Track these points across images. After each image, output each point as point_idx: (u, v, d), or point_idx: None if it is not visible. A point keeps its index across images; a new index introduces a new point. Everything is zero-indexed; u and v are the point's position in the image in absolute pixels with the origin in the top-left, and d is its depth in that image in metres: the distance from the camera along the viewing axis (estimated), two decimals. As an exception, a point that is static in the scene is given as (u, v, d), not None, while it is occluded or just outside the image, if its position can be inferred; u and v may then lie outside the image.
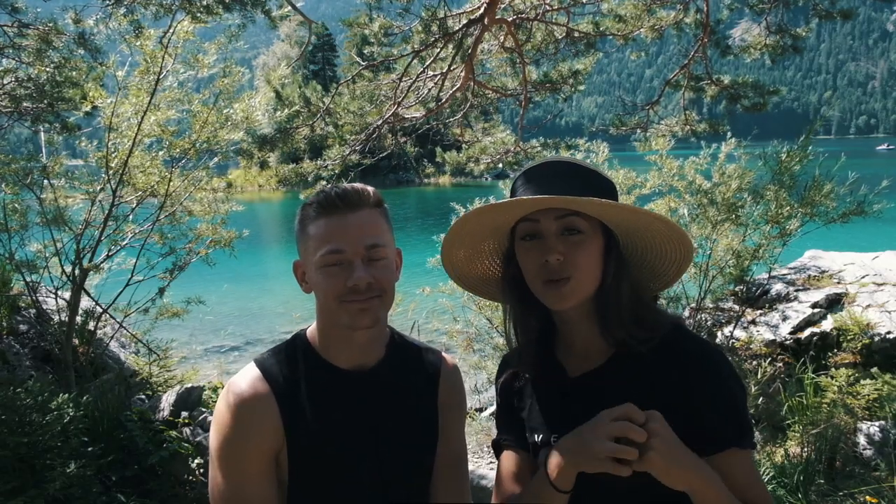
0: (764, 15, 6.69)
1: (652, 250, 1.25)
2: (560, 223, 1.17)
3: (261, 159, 7.24)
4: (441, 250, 1.32)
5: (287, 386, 1.24)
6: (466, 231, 1.27)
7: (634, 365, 1.18)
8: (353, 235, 1.19)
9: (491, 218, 1.23)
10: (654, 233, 1.21)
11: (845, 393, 4.18)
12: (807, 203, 4.69)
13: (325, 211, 1.21)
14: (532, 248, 1.19)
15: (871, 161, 51.76)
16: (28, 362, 5.00)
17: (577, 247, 1.16)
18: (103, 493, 3.25)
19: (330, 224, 1.20)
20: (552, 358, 1.31)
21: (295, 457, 1.23)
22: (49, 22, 4.83)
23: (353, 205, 1.21)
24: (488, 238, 1.30)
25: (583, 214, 1.16)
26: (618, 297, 1.19)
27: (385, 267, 1.22)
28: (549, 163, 1.26)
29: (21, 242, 5.11)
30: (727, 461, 1.13)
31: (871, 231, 9.23)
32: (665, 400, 1.13)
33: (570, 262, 1.16)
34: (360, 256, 1.19)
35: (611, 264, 1.20)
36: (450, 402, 1.40)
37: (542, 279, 1.18)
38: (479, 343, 6.12)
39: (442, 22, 6.00)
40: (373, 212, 1.24)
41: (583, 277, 1.17)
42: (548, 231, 1.17)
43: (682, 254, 1.24)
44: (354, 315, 1.19)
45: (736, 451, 1.14)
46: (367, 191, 1.25)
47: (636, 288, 1.24)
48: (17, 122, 5.29)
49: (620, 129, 7.46)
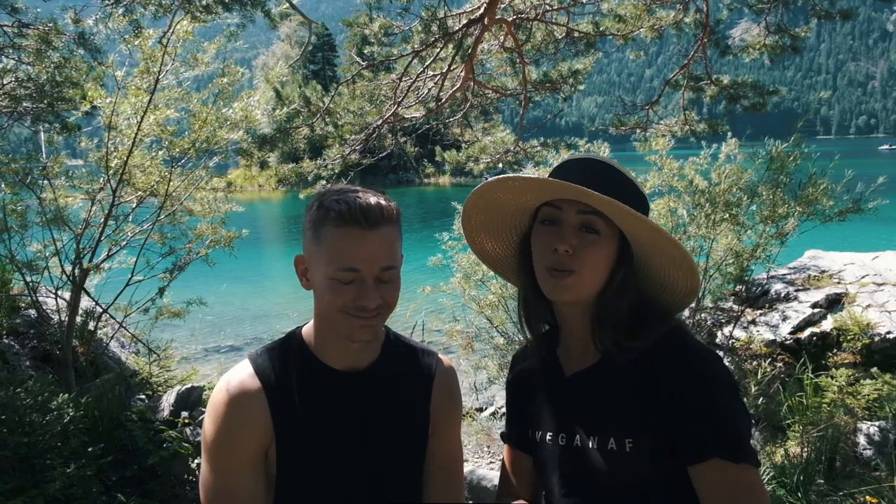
0: (763, 15, 6.69)
1: (661, 274, 1.24)
2: (580, 218, 1.17)
3: (261, 159, 7.24)
4: (463, 215, 1.35)
5: (278, 383, 1.25)
6: (484, 202, 1.29)
7: (622, 369, 1.18)
8: (370, 257, 1.17)
9: (520, 190, 1.23)
10: (668, 259, 1.20)
11: (845, 393, 4.18)
12: (803, 201, 4.68)
13: (345, 223, 1.16)
14: (547, 232, 1.20)
15: (874, 161, 51.67)
16: (28, 362, 4.99)
17: (590, 245, 1.16)
18: (103, 493, 3.24)
19: (348, 239, 1.16)
20: (553, 355, 1.33)
21: (283, 453, 1.23)
22: (49, 22, 4.82)
23: (374, 223, 1.17)
24: (512, 213, 1.30)
25: (604, 217, 1.16)
26: (616, 307, 1.19)
27: (394, 287, 1.22)
28: (592, 159, 1.26)
29: (21, 242, 5.11)
30: (710, 474, 1.07)
31: (871, 231, 9.24)
32: (650, 405, 1.13)
33: (578, 258, 1.16)
34: (373, 276, 1.17)
35: (618, 273, 1.20)
36: (444, 402, 1.39)
37: (546, 265, 1.18)
38: (479, 343, 6.12)
39: (442, 22, 6.00)
40: (391, 229, 1.21)
41: (586, 276, 1.17)
42: (567, 221, 1.18)
43: (689, 286, 1.23)
44: (356, 329, 1.19)
45: (722, 463, 1.06)
46: (389, 207, 1.21)
47: (639, 302, 1.23)
48: (17, 122, 5.29)
49: (620, 129, 7.45)
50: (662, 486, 1.14)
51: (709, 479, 1.08)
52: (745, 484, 1.07)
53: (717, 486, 1.07)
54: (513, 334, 5.44)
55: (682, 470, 1.11)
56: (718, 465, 1.07)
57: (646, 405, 1.13)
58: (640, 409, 1.14)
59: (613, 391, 1.19)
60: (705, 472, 1.08)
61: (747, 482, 1.07)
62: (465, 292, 5.61)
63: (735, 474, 1.07)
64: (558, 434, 1.25)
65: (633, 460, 1.13)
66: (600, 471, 1.16)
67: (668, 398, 1.11)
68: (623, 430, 1.15)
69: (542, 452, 1.28)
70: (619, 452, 1.15)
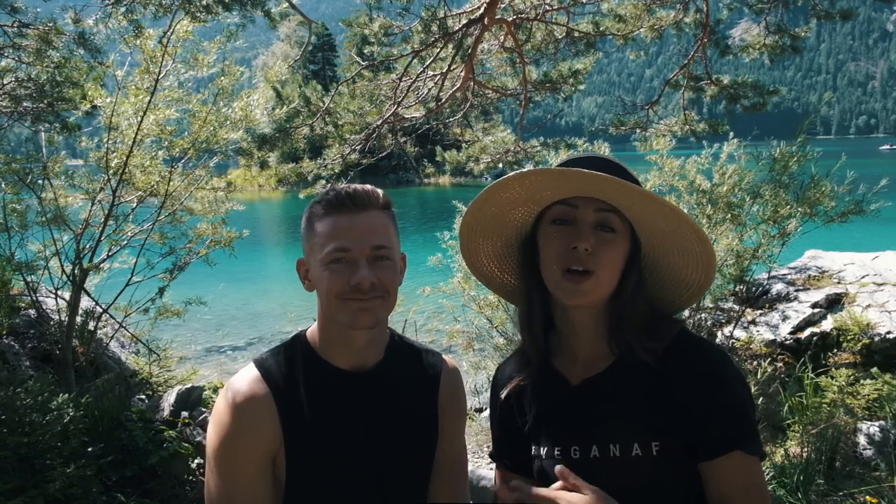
0: (763, 15, 6.69)
1: (672, 270, 1.22)
2: (598, 216, 1.15)
3: (261, 159, 7.24)
4: (467, 212, 1.28)
5: (286, 386, 1.24)
6: (493, 204, 1.23)
7: (636, 371, 1.16)
8: (359, 235, 1.19)
9: (537, 184, 1.16)
10: (684, 252, 1.18)
11: (845, 393, 4.17)
12: (805, 202, 4.68)
13: (333, 209, 1.21)
14: (561, 232, 1.16)
15: (875, 161, 51.63)
16: (28, 362, 4.99)
17: (608, 244, 1.14)
18: (103, 493, 3.24)
19: (337, 222, 1.20)
20: (550, 367, 1.28)
21: (292, 457, 1.23)
22: (49, 22, 4.81)
23: (361, 205, 1.21)
24: (511, 221, 1.26)
25: (620, 214, 1.14)
26: (634, 307, 1.17)
27: (389, 268, 1.22)
28: (600, 157, 1.24)
29: (21, 242, 5.11)
30: (730, 465, 1.09)
31: (871, 231, 9.24)
32: (667, 405, 1.12)
33: (597, 257, 1.13)
34: (365, 256, 1.19)
35: (633, 273, 1.18)
36: (450, 404, 1.40)
37: (563, 266, 1.14)
38: (480, 343, 6.12)
39: (442, 22, 5.99)
40: (381, 213, 1.24)
41: (604, 277, 1.14)
42: (584, 219, 1.15)
43: (700, 282, 1.21)
44: (355, 314, 1.19)
45: (740, 455, 1.09)
46: (376, 192, 1.25)
47: (651, 300, 1.22)
48: (17, 122, 5.28)
49: (620, 129, 7.45)
50: (686, 488, 1.13)
51: (727, 471, 1.09)
52: (755, 475, 1.11)
53: (737, 476, 1.09)
54: (513, 334, 5.43)
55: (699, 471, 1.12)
56: (738, 458, 1.09)
57: (665, 406, 1.12)
58: (660, 410, 1.12)
59: (630, 395, 1.16)
60: (724, 465, 1.09)
61: (758, 473, 1.12)
62: (465, 292, 5.61)
63: (753, 466, 1.11)
64: (569, 448, 1.20)
65: (661, 463, 1.11)
66: (626, 479, 1.12)
67: (685, 397, 1.11)
68: (647, 433, 1.12)
69: (549, 469, 1.19)
70: (645, 457, 1.11)
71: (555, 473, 1.05)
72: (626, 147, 9.17)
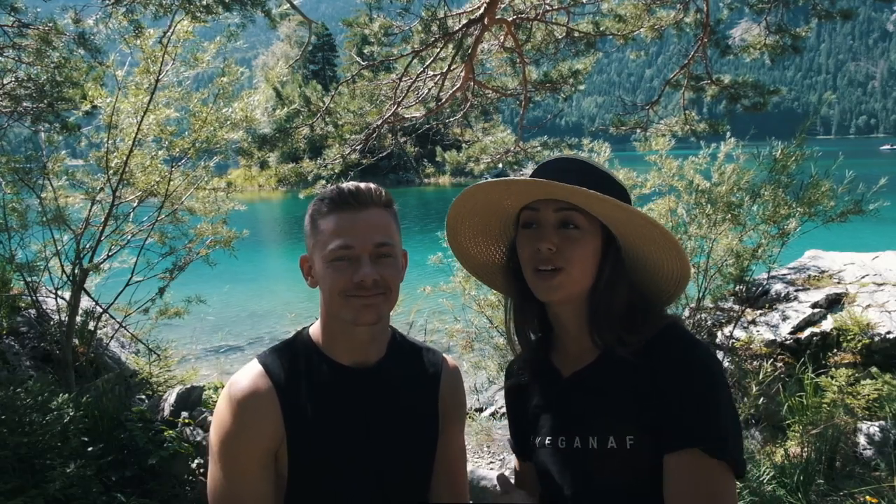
0: (764, 15, 6.69)
1: (651, 261, 1.23)
2: (558, 216, 1.18)
3: (261, 159, 7.23)
4: (447, 223, 1.34)
5: (289, 382, 1.25)
6: (468, 210, 1.29)
7: (618, 365, 1.17)
8: (362, 232, 1.21)
9: (489, 196, 1.25)
10: (650, 241, 1.19)
11: (845, 393, 4.18)
12: (805, 202, 4.68)
13: (336, 207, 1.22)
14: (528, 235, 1.21)
15: (874, 161, 51.59)
16: (28, 362, 4.99)
17: (572, 241, 1.17)
18: (103, 493, 3.25)
19: (341, 220, 1.21)
20: (548, 360, 1.32)
21: (295, 453, 1.23)
22: (49, 22, 4.82)
23: (364, 202, 1.23)
24: (494, 221, 1.31)
25: (582, 211, 1.17)
26: (610, 301, 1.19)
27: (391, 265, 1.24)
28: (565, 158, 1.27)
29: (21, 242, 5.11)
30: (687, 463, 1.04)
31: (871, 231, 9.24)
32: (646, 398, 1.12)
33: (562, 255, 1.16)
34: (367, 253, 1.20)
35: (606, 266, 1.19)
36: (450, 402, 1.40)
37: (532, 267, 1.19)
38: (480, 343, 6.12)
39: (442, 22, 5.99)
40: (383, 211, 1.26)
41: (574, 272, 1.17)
42: (545, 221, 1.19)
43: (680, 270, 1.22)
44: (358, 310, 1.20)
45: (697, 454, 1.03)
46: (379, 190, 1.27)
47: (634, 294, 1.22)
48: (17, 121, 5.29)
49: (620, 128, 7.45)
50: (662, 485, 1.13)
51: (679, 468, 1.04)
52: (714, 482, 1.03)
53: (685, 475, 1.04)
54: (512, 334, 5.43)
55: None
56: (695, 456, 1.03)
57: (644, 401, 1.12)
58: (637, 405, 1.13)
59: (611, 388, 1.18)
60: (679, 461, 1.04)
61: (717, 481, 1.03)
62: (466, 292, 5.62)
63: (708, 469, 1.03)
64: (558, 437, 1.24)
65: (634, 458, 1.11)
66: (601, 471, 1.15)
67: (662, 391, 1.10)
68: (622, 427, 1.13)
69: (543, 458, 1.26)
70: (619, 451, 1.13)
71: (548, 463, 1.07)
72: (626, 147, 9.16)
